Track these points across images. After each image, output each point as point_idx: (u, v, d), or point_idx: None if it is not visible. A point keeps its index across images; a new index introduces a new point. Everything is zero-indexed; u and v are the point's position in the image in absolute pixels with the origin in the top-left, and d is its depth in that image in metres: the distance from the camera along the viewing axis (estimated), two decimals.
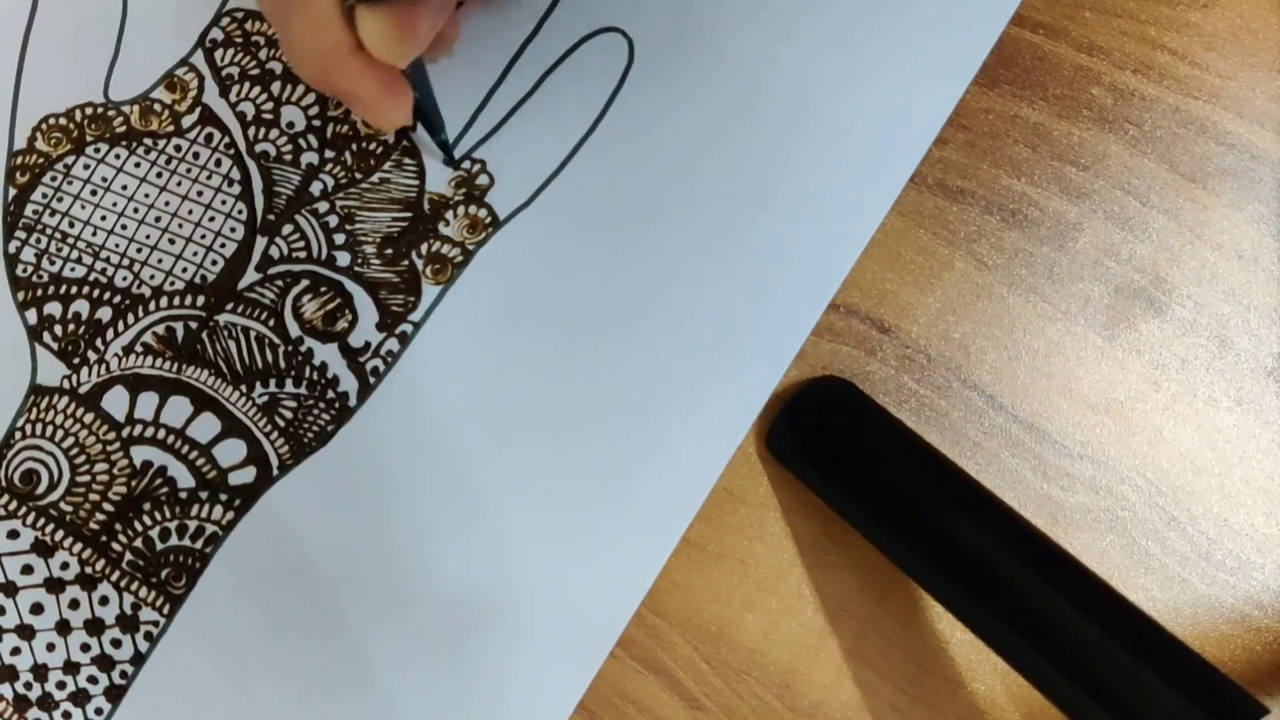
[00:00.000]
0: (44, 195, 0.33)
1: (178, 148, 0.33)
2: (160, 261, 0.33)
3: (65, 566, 0.32)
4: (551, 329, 0.32)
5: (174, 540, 0.32)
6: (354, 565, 0.32)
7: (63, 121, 0.33)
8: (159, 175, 0.33)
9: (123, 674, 0.31)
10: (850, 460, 0.31)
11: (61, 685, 0.31)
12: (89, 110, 0.33)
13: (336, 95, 0.29)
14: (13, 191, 0.33)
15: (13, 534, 0.32)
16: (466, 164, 0.33)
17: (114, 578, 0.31)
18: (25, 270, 0.33)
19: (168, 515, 0.32)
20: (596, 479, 0.32)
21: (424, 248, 0.33)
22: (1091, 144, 0.32)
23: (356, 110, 0.30)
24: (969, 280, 0.32)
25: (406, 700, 0.31)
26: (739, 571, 0.32)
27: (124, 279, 0.32)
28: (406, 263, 0.33)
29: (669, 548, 0.32)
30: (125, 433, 0.32)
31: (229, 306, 0.32)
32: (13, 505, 0.32)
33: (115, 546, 0.32)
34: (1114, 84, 0.32)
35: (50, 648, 0.32)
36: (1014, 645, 0.27)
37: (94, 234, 0.33)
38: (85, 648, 0.31)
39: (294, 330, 0.32)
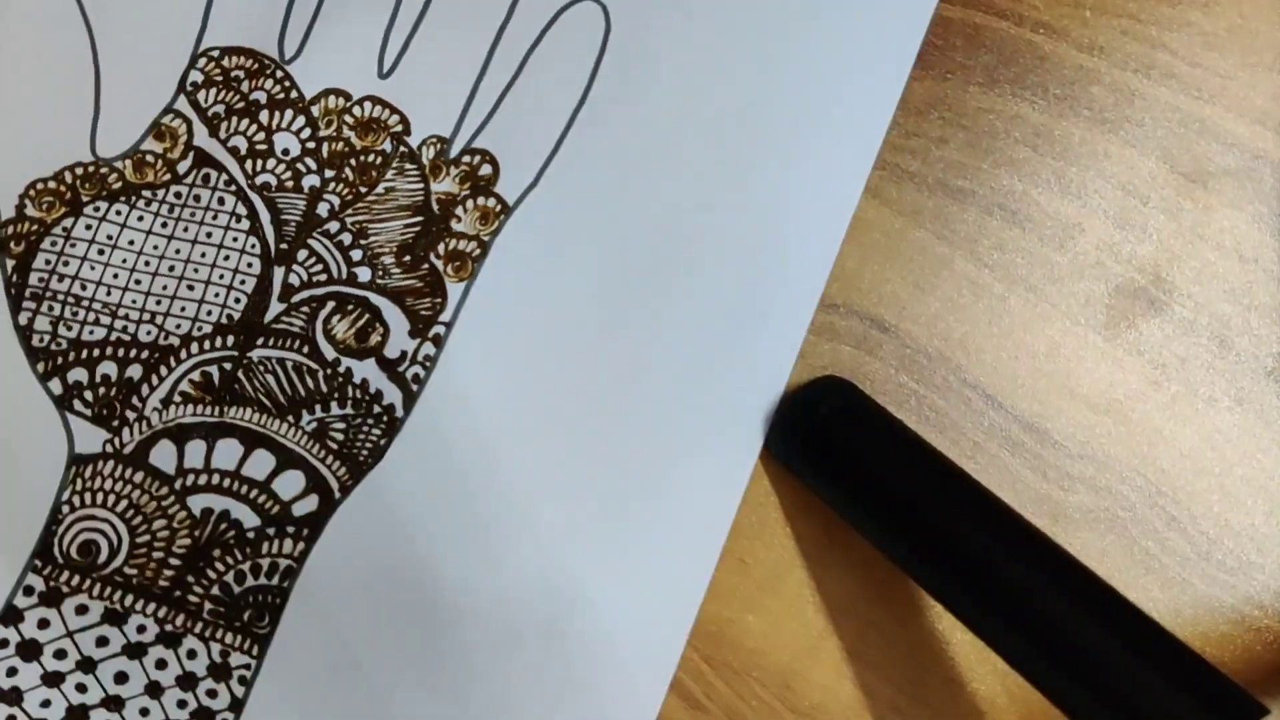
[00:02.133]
0: (47, 261, 0.32)
1: (178, 194, 0.33)
2: (183, 309, 0.32)
3: (142, 630, 0.31)
4: (578, 307, 0.32)
5: (250, 581, 0.31)
6: (430, 573, 0.31)
7: (52, 184, 0.32)
8: (164, 225, 0.32)
9: None
10: (850, 460, 0.31)
11: None
12: (79, 170, 0.32)
13: None
14: (10, 263, 0.32)
15: (81, 609, 0.31)
16: (467, 157, 0.33)
17: (197, 629, 0.31)
18: (42, 340, 0.32)
19: (239, 558, 0.31)
20: (636, 464, 0.32)
21: (441, 248, 0.32)
22: (1092, 143, 0.32)
23: None
24: (969, 280, 0.32)
25: (505, 706, 0.31)
26: (739, 571, 0.32)
27: (148, 333, 0.32)
28: (427, 266, 0.32)
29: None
30: (178, 484, 0.31)
31: (260, 341, 0.32)
32: (75, 580, 0.31)
33: (192, 599, 0.31)
34: (1114, 83, 0.32)
35: (144, 713, 0.31)
36: (1014, 645, 0.27)
37: (108, 293, 0.32)
38: (182, 704, 0.31)
39: (329, 353, 0.32)
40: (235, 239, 0.32)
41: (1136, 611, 0.26)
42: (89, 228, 0.32)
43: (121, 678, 0.31)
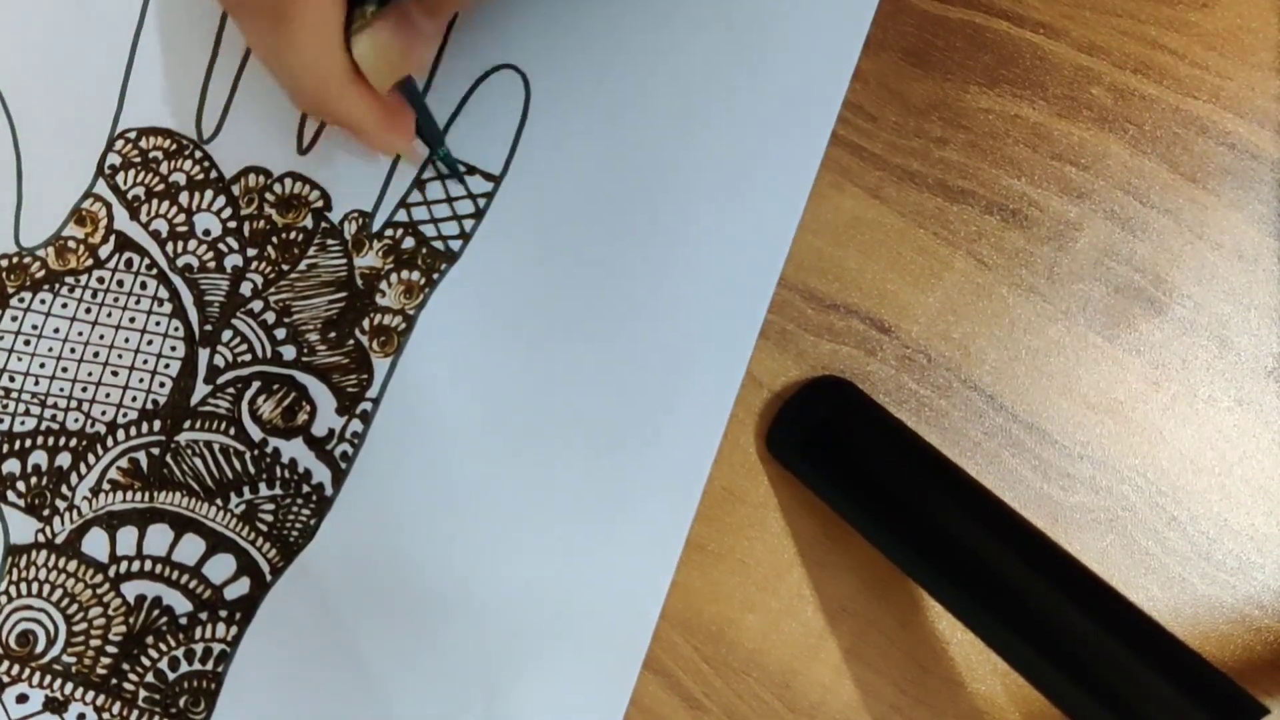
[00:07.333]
0: None
1: (100, 280, 0.32)
2: (108, 396, 0.32)
3: (82, 718, 0.31)
4: (508, 373, 0.32)
5: (184, 667, 0.31)
6: (363, 653, 0.31)
7: None
8: (88, 311, 0.32)
9: None
10: (850, 460, 0.31)
11: None
12: (4, 262, 0.32)
13: (336, 123, 0.29)
14: None
15: (22, 698, 0.31)
16: (390, 231, 0.33)
17: (133, 718, 0.31)
18: None
19: (173, 644, 0.31)
20: (589, 504, 0.32)
21: (365, 323, 0.32)
22: (1092, 144, 0.32)
23: (358, 138, 0.30)
24: (969, 280, 0.32)
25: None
26: (739, 571, 0.32)
27: (75, 421, 0.32)
28: (352, 342, 0.32)
29: (676, 551, 0.32)
30: (111, 572, 0.31)
31: (186, 425, 0.32)
32: (15, 670, 0.31)
33: (127, 687, 0.31)
34: (1114, 84, 0.32)
35: None
36: (1014, 645, 0.27)
37: (36, 383, 0.32)
38: None
39: (256, 434, 0.32)
40: (158, 323, 0.32)
41: (1136, 611, 0.26)
42: (15, 319, 0.32)
43: None
